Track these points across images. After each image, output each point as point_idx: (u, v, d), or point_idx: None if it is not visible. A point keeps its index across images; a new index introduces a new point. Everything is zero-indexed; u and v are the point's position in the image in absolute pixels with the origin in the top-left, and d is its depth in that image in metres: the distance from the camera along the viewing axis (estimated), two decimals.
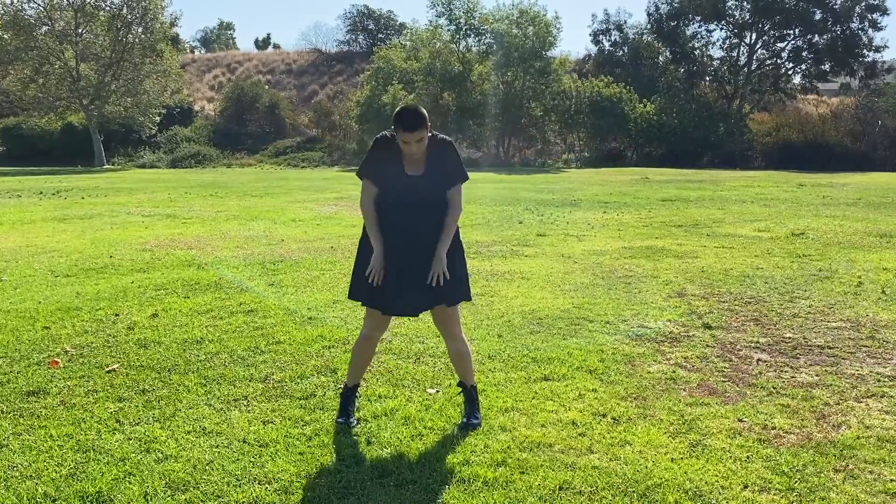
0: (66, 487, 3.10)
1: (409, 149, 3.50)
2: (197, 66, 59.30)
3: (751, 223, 12.39)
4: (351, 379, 3.86)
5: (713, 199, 17.18)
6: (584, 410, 3.95)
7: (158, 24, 41.52)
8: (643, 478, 3.19)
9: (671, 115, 40.61)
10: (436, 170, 3.61)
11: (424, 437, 3.59)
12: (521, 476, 3.21)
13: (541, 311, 6.13)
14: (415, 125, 3.43)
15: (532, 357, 4.84)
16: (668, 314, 6.06)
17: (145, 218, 13.39)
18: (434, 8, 42.26)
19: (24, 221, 12.89)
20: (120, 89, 40.82)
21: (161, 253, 9.15)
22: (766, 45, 44.60)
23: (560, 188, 21.32)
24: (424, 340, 5.23)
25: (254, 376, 4.50)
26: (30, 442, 3.56)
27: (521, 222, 12.62)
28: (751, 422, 3.82)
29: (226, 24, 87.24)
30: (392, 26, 60.98)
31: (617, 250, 9.40)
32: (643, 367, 4.70)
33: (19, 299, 6.61)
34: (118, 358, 4.86)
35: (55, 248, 9.57)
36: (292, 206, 15.83)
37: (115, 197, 18.59)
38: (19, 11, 38.61)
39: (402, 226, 3.62)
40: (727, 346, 5.17)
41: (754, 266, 8.26)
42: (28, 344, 5.17)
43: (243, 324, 5.68)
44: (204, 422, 3.79)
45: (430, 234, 3.62)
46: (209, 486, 3.13)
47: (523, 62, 40.02)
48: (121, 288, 7.04)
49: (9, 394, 4.20)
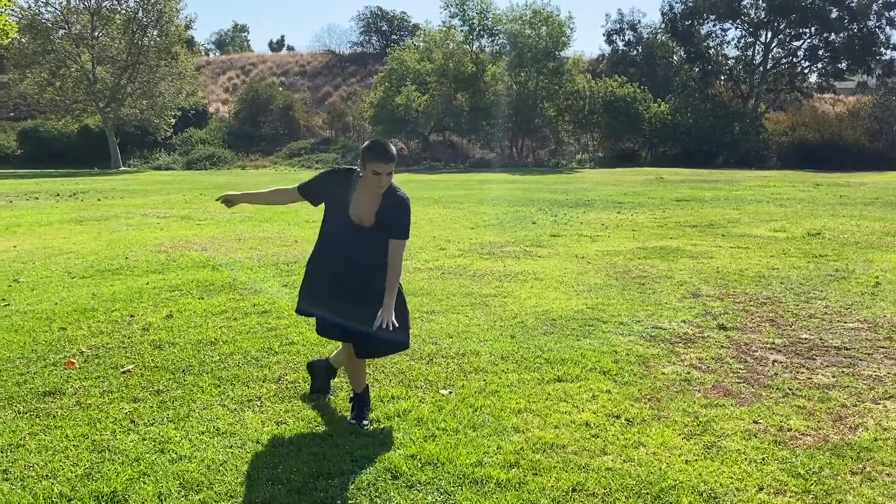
0: (81, 487, 3.12)
1: (379, 182, 3.54)
2: (211, 68, 59.64)
3: (766, 223, 12.30)
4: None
5: (728, 199, 17.07)
6: (598, 412, 3.93)
7: (173, 26, 41.83)
8: (657, 479, 3.17)
9: (686, 114, 40.40)
10: (384, 225, 3.66)
11: (437, 438, 3.59)
12: (535, 477, 3.20)
13: (554, 311, 6.11)
14: (392, 157, 3.53)
15: (545, 358, 4.83)
16: (682, 315, 6.02)
17: (160, 219, 13.48)
18: (447, 9, 42.36)
19: (41, 223, 13.01)
20: (135, 92, 41.16)
21: (176, 254, 9.20)
22: (781, 44, 44.27)
23: (574, 188, 21.26)
24: (437, 342, 5.22)
25: (267, 377, 4.51)
26: (46, 442, 3.59)
27: (535, 223, 12.60)
28: (766, 423, 3.79)
29: (240, 27, 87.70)
30: (405, 27, 61.03)
31: (631, 251, 9.36)
32: (657, 368, 4.67)
33: (36, 300, 6.67)
34: (133, 359, 4.89)
35: (72, 250, 9.66)
36: (306, 207, 15.81)
37: (131, 199, 18.72)
38: (37, 15, 39.01)
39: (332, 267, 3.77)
40: (742, 347, 5.13)
41: (770, 266, 8.20)
42: (44, 345, 5.22)
43: (257, 325, 5.70)
44: (218, 422, 3.81)
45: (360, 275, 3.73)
46: (223, 486, 3.14)
47: (536, 62, 39.98)
48: (136, 289, 7.09)
49: (25, 394, 4.23)
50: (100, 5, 40.26)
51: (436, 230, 11.62)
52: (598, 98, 41.00)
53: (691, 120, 39.95)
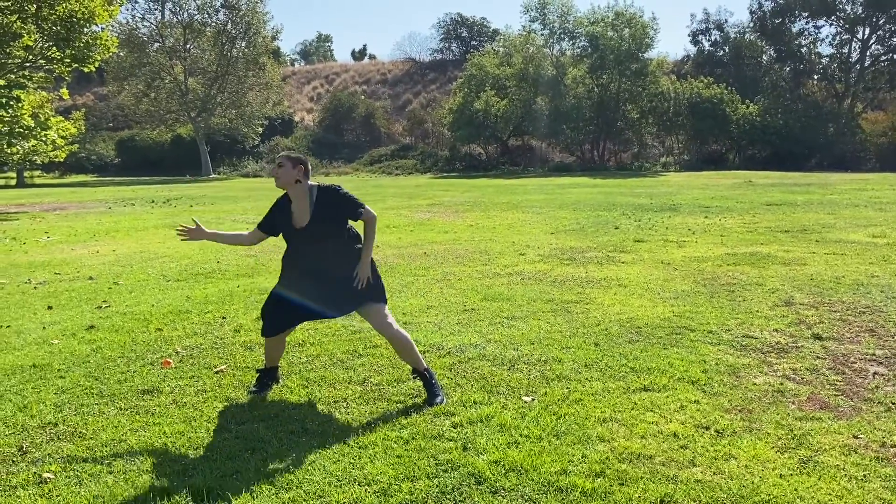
0: (178, 482, 3.26)
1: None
2: (297, 78, 61.34)
3: (864, 228, 11.71)
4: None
5: (822, 203, 16.34)
6: (686, 422, 3.83)
7: (261, 38, 43.30)
8: (749, 493, 3.07)
9: (776, 115, 38.92)
10: (322, 218, 4.14)
11: (520, 445, 3.57)
12: (621, 487, 3.14)
13: (639, 319, 5.99)
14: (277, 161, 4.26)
15: (631, 367, 4.73)
16: (774, 324, 5.80)
17: (250, 225, 13.92)
18: (527, 13, 42.17)
19: (137, 228, 13.66)
20: (225, 102, 42.78)
21: (265, 258, 9.49)
22: (880, 40, 42.07)
23: (658, 192, 20.80)
24: (518, 348, 5.20)
25: (352, 379, 4.60)
26: (145, 438, 3.76)
27: (618, 228, 12.39)
28: (867, 438, 3.60)
29: (324, 37, 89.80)
30: (485, 33, 61.16)
31: (719, 256, 9.08)
32: (748, 378, 4.51)
33: (134, 302, 7.00)
34: (225, 359, 5.07)
35: (166, 254, 10.09)
36: (387, 212, 16.10)
37: (222, 205, 19.43)
38: (133, 30, 41.07)
39: (303, 266, 4.23)
40: (839, 358, 4.90)
41: (869, 274, 7.80)
42: (143, 345, 5.47)
43: (342, 328, 5.82)
44: (306, 422, 3.90)
45: (330, 267, 4.18)
46: (311, 485, 3.22)
47: (619, 64, 39.32)
48: (227, 292, 7.34)
49: (126, 392, 4.45)
50: (192, 19, 42.05)
51: (515, 235, 11.58)
52: (683, 100, 39.99)
53: (782, 121, 38.44)
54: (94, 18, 20.35)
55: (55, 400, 4.32)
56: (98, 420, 4.01)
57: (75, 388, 4.53)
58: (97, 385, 4.57)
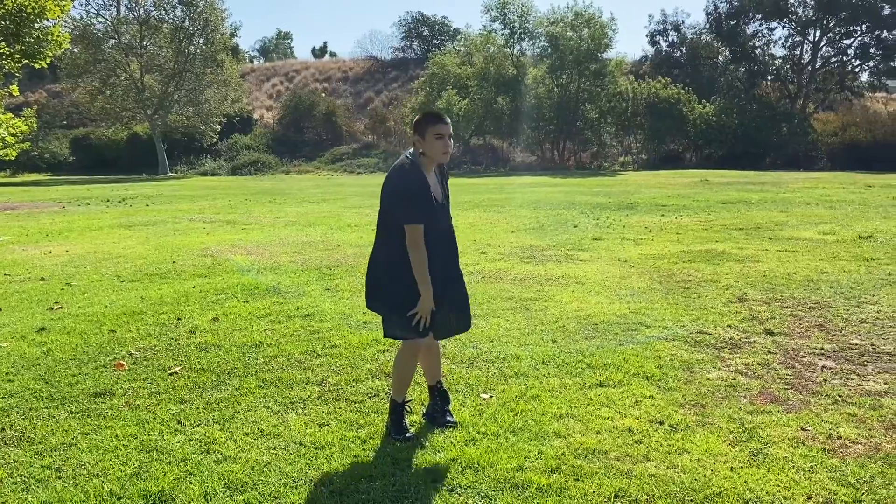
0: (130, 486, 3.20)
1: (444, 144, 3.52)
2: (256, 75, 60.59)
3: (815, 226, 12.01)
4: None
5: (776, 202, 16.72)
6: (641, 417, 3.88)
7: (219, 35, 42.67)
8: (702, 487, 3.12)
9: (731, 115, 39.66)
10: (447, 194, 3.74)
11: (478, 442, 3.58)
12: (576, 483, 3.17)
13: (596, 316, 6.06)
14: (447, 118, 3.59)
15: (587, 363, 4.79)
16: (728, 319, 5.92)
17: (206, 224, 13.74)
18: (488, 13, 42.36)
19: (92, 228, 13.37)
20: (182, 99, 42.08)
21: (221, 258, 9.37)
22: (831, 43, 43.12)
23: (616, 191, 21.05)
24: (478, 345, 5.22)
25: (310, 379, 4.57)
26: (97, 441, 3.68)
27: (577, 226, 12.51)
28: (815, 431, 3.70)
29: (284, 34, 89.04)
30: (446, 32, 61.17)
31: (675, 254, 9.23)
32: (702, 373, 4.60)
33: (87, 303, 6.86)
34: (180, 361, 4.99)
35: (121, 254, 9.90)
36: (348, 211, 16.02)
37: (178, 204, 19.12)
38: (88, 26, 40.18)
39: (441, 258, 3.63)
40: (790, 353, 5.02)
41: (819, 270, 8.00)
42: (95, 347, 5.36)
43: (300, 328, 5.77)
44: (262, 424, 3.87)
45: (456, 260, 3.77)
46: (267, 486, 3.19)
47: (578, 64, 39.72)
48: (183, 293, 7.23)
49: (77, 394, 4.36)
50: (148, 15, 41.27)
51: (476, 234, 11.61)
52: (641, 100, 40.52)
53: (737, 121, 39.19)
54: (45, 13, 19.90)
55: (2, 404, 4.21)
56: (47, 424, 3.91)
57: (24, 391, 4.41)
58: (47, 388, 4.46)
